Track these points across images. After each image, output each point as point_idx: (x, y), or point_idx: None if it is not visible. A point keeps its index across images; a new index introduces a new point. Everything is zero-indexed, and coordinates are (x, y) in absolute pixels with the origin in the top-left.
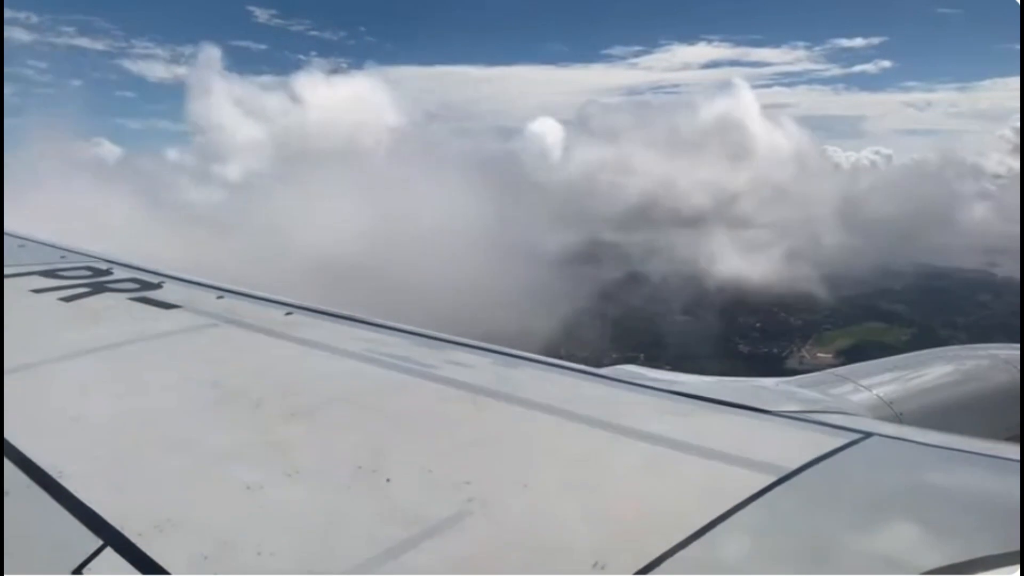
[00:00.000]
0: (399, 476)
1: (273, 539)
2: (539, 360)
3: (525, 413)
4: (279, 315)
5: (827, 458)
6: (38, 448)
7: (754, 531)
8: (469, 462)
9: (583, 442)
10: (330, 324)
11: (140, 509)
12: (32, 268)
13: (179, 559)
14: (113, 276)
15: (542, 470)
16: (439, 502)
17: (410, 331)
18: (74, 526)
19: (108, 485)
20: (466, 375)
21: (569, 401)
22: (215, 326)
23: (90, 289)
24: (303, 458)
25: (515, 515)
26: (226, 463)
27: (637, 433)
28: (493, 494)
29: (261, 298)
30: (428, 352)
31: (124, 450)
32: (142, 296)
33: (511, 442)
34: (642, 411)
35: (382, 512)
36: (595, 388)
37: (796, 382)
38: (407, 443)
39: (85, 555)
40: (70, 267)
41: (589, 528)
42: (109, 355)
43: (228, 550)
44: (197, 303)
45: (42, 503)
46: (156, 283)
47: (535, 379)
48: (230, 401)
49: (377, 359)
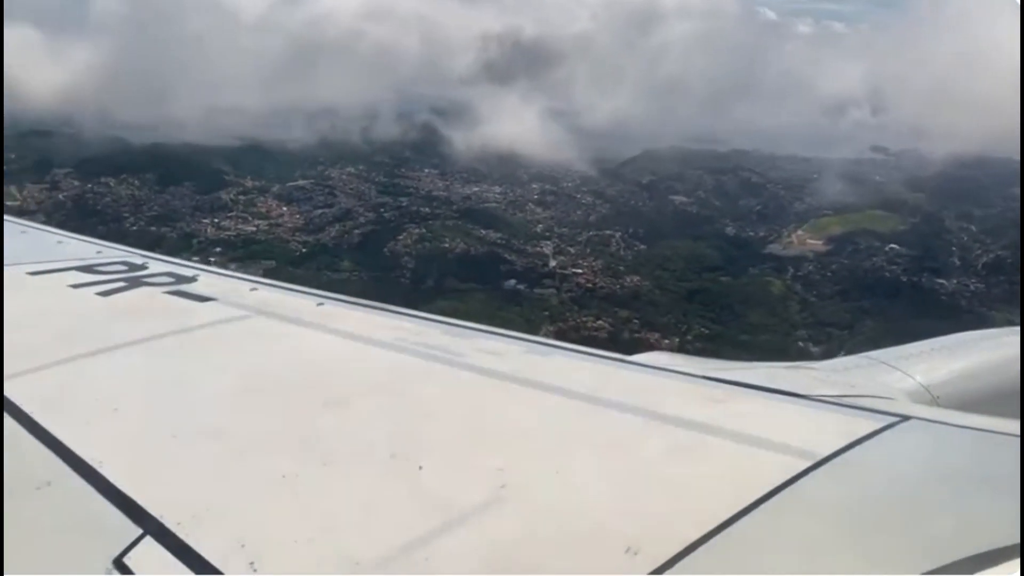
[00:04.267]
0: (432, 464)
1: (308, 527)
2: (570, 348)
3: (557, 401)
4: (311, 306)
5: (864, 442)
6: (79, 439)
7: (789, 517)
8: (501, 449)
9: (615, 429)
10: (361, 314)
11: (178, 498)
12: (70, 264)
13: (217, 547)
14: (149, 270)
15: (574, 457)
16: (472, 489)
17: (440, 320)
18: (115, 515)
19: (147, 475)
20: (496, 363)
21: (601, 388)
22: (249, 318)
23: (127, 283)
24: (337, 447)
25: (547, 502)
26: (261, 452)
27: (670, 419)
28: (525, 481)
29: (293, 290)
30: (458, 341)
31: (162, 440)
32: (177, 290)
33: (543, 430)
34: (675, 398)
35: (415, 499)
36: (627, 375)
37: (831, 366)
38: (439, 431)
39: (125, 544)
40: (107, 262)
41: (622, 515)
42: (147, 348)
43: (264, 538)
44: (231, 296)
45: (83, 493)
46: (191, 276)
47: (566, 367)
48: (265, 391)
49: (408, 348)
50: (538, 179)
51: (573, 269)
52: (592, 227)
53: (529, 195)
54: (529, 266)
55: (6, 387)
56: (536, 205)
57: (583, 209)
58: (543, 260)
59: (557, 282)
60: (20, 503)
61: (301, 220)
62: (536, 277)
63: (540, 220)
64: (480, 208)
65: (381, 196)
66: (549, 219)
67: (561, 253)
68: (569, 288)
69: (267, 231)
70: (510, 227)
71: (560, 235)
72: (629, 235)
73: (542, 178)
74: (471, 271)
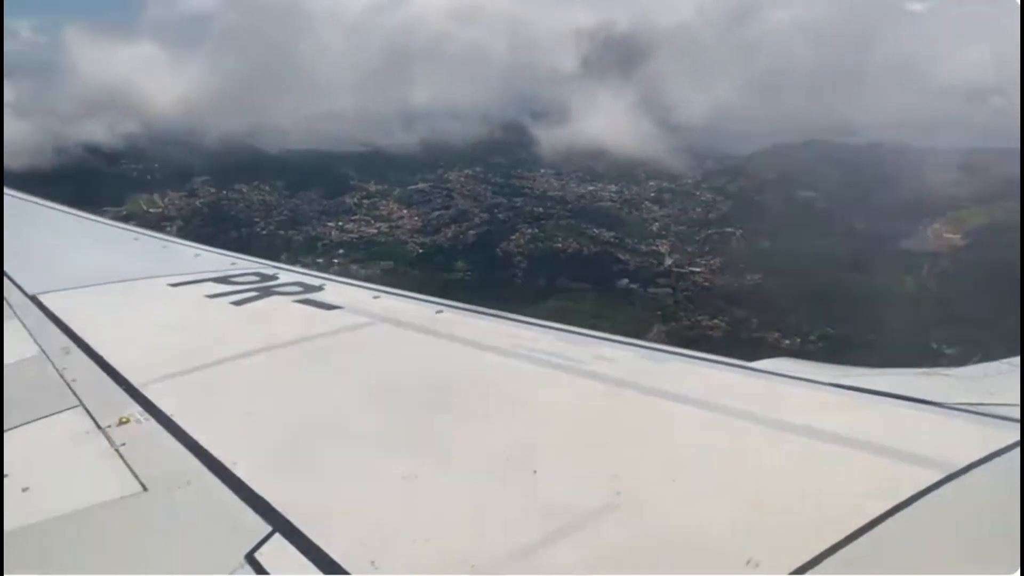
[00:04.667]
0: (546, 468)
1: (427, 527)
2: (688, 354)
3: (675, 407)
4: (430, 313)
5: (1004, 453)
6: (214, 440)
7: (921, 532)
8: (617, 456)
9: (736, 437)
10: (478, 321)
11: (305, 497)
12: (206, 275)
13: (340, 545)
14: (279, 280)
15: (692, 465)
16: (586, 495)
17: (557, 327)
18: (246, 513)
19: (276, 474)
20: (613, 369)
21: (722, 395)
22: (372, 325)
23: (259, 293)
24: (455, 451)
25: (664, 510)
26: (383, 454)
27: (794, 428)
28: (641, 488)
29: (413, 297)
30: (574, 347)
31: (291, 441)
32: (306, 298)
33: (660, 437)
34: (800, 405)
35: (530, 503)
36: (750, 382)
37: (968, 372)
38: (554, 436)
39: (256, 540)
40: (240, 273)
41: (742, 525)
42: (277, 353)
43: (386, 537)
44: (356, 303)
45: (218, 491)
46: (318, 286)
47: (685, 373)
48: (388, 395)
49: (524, 354)
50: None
51: (690, 268)
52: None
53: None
54: (643, 265)
55: (148, 392)
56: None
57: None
58: (658, 259)
59: (672, 281)
60: (163, 500)
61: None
62: (650, 276)
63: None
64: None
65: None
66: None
67: (677, 252)
68: (685, 287)
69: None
70: (624, 226)
71: (677, 233)
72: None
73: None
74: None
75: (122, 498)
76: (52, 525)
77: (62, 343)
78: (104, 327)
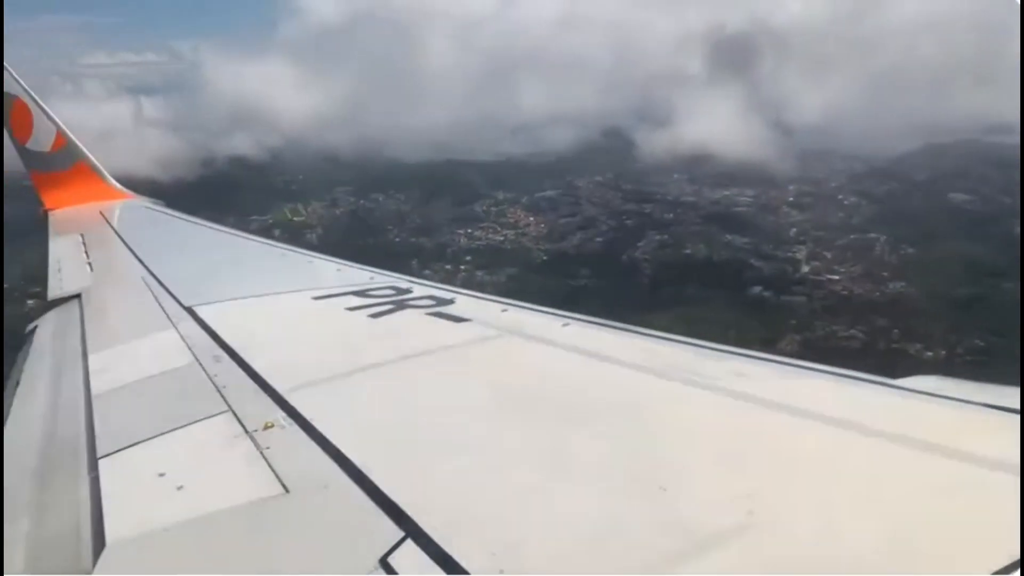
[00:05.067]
0: (676, 486)
1: (555, 540)
2: (828, 370)
3: (812, 426)
4: (557, 326)
5: None
6: (351, 445)
7: None
8: (750, 475)
9: (880, 459)
10: (606, 334)
11: (436, 504)
12: (346, 289)
13: (470, 553)
14: (413, 294)
15: (831, 487)
16: (717, 514)
17: (689, 341)
18: (380, 517)
19: (408, 481)
20: (746, 385)
21: (863, 414)
22: (500, 337)
23: (394, 306)
24: (583, 464)
25: (801, 532)
26: (512, 465)
27: (944, 450)
28: (776, 509)
29: (540, 310)
30: (706, 362)
31: (423, 450)
32: (437, 311)
33: (796, 457)
34: (950, 427)
35: (658, 520)
36: (894, 400)
37: None
38: (684, 453)
39: (389, 545)
40: (377, 287)
41: (884, 553)
42: (410, 364)
43: (513, 548)
44: (485, 316)
45: (354, 495)
46: (449, 299)
47: (823, 390)
48: (515, 407)
49: (653, 369)
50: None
51: (828, 275)
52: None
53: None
54: (777, 272)
55: (291, 399)
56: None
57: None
58: (794, 266)
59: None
60: (303, 502)
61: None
62: (784, 284)
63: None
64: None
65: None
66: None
67: (815, 258)
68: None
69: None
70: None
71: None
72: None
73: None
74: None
75: (266, 499)
76: (202, 522)
77: (214, 352)
78: (252, 337)
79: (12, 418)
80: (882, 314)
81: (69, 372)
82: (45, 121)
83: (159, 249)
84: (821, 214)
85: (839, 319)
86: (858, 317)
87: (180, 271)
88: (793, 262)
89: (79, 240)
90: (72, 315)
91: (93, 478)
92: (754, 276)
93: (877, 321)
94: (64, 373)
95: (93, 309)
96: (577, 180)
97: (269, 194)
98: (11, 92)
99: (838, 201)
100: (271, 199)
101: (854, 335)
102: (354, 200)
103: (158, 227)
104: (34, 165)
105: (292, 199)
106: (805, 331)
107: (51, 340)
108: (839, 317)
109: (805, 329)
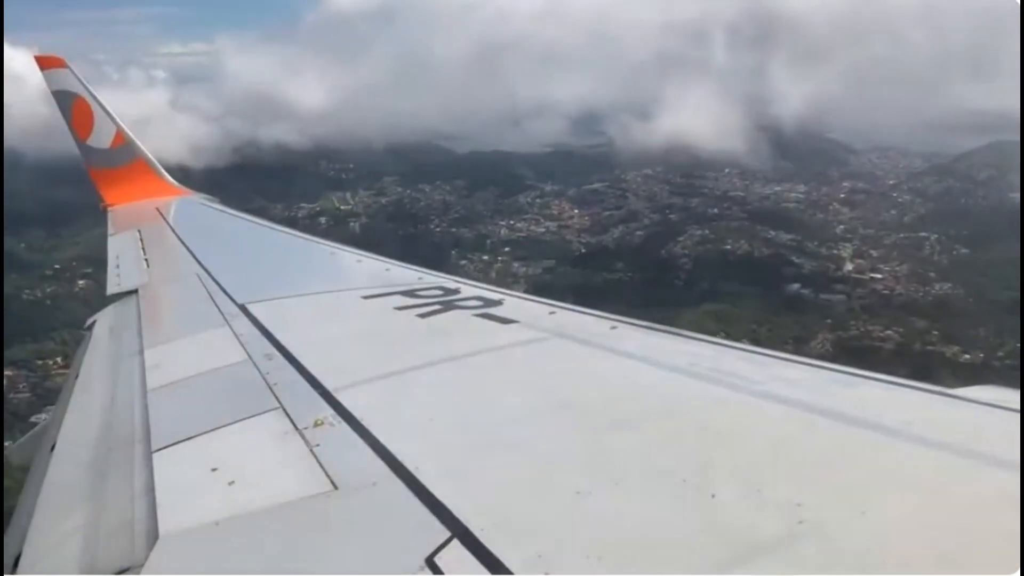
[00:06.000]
0: (725, 492)
1: (601, 544)
2: (881, 378)
3: (864, 435)
4: (605, 329)
5: None
6: (399, 444)
7: None
8: (801, 483)
9: (935, 470)
10: (653, 338)
11: (483, 506)
12: (395, 289)
13: (516, 556)
14: (461, 295)
15: (885, 498)
16: (767, 522)
17: (735, 346)
18: (427, 516)
19: (456, 482)
20: (796, 392)
21: (918, 424)
22: (547, 339)
23: (442, 307)
24: (630, 468)
25: (852, 543)
26: (558, 468)
27: (1005, 463)
28: (827, 518)
29: (589, 313)
30: (755, 367)
31: (470, 450)
32: (485, 312)
33: (849, 465)
34: (1013, 438)
35: (707, 527)
36: (952, 410)
37: None
38: (733, 459)
39: (436, 544)
40: (425, 287)
41: (937, 566)
42: (458, 365)
43: (559, 551)
44: (532, 318)
45: (401, 494)
46: (497, 300)
47: (875, 398)
48: (562, 409)
49: (702, 373)
50: (851, 176)
51: (871, 274)
52: (905, 228)
53: (836, 194)
54: (818, 270)
55: (340, 397)
56: (842, 204)
57: (897, 208)
58: (837, 264)
59: (849, 288)
60: (351, 499)
61: (588, 221)
62: (824, 282)
63: (843, 220)
64: (776, 208)
65: (672, 197)
66: (854, 219)
67: (861, 256)
68: (862, 295)
69: (555, 232)
70: (806, 228)
71: (863, 237)
72: (949, 237)
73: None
74: (751, 274)
75: (315, 495)
76: (252, 517)
77: (266, 349)
78: (303, 335)
79: (70, 410)
80: (923, 315)
81: (126, 367)
82: (105, 119)
83: (212, 246)
84: (872, 211)
85: (877, 319)
86: (897, 318)
87: (233, 268)
88: (836, 260)
89: (137, 236)
90: (129, 310)
91: (147, 471)
92: (793, 273)
93: (916, 322)
94: (121, 367)
95: (149, 305)
96: (626, 173)
97: (319, 182)
98: (73, 91)
99: (891, 199)
100: (320, 187)
101: (890, 335)
102: (401, 190)
103: (211, 224)
104: (93, 161)
105: (342, 188)
106: (839, 330)
107: (108, 335)
108: (877, 317)
109: (839, 328)
